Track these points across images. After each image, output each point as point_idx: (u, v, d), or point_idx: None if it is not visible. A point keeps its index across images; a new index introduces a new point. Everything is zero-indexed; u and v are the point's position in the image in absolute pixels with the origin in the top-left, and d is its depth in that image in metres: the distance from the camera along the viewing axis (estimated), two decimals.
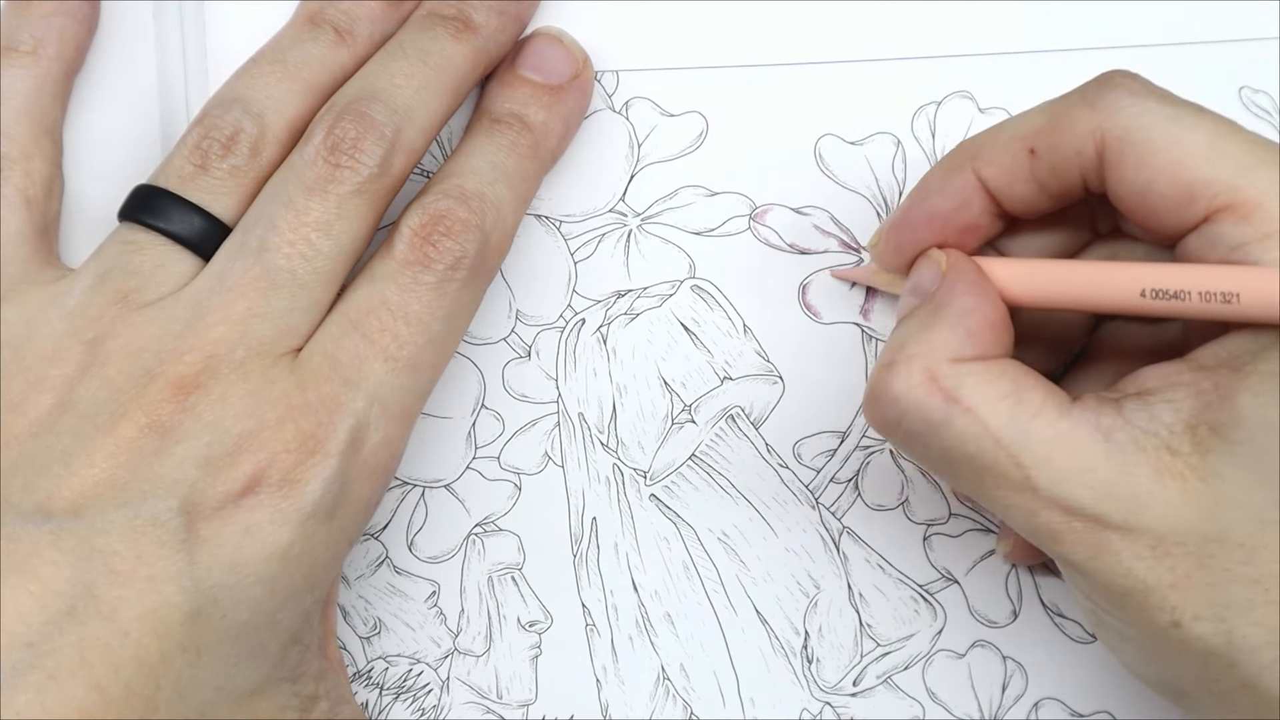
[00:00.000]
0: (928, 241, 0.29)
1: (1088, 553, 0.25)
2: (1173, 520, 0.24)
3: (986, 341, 0.26)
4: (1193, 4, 0.33)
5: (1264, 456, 0.24)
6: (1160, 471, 0.25)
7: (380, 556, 0.34)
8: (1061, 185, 0.27)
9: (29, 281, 0.30)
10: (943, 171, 0.29)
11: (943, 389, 0.26)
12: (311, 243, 0.28)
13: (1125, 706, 0.33)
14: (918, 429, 0.26)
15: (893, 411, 0.26)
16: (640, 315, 0.34)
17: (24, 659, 0.25)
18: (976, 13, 0.34)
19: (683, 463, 0.33)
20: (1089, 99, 0.26)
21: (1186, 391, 0.25)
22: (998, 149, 0.28)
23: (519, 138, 0.31)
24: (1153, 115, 0.26)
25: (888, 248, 0.30)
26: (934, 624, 0.33)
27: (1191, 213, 0.25)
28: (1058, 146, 0.27)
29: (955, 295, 0.27)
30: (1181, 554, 0.24)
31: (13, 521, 0.26)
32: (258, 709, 0.28)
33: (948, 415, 0.25)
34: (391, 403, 0.29)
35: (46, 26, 0.32)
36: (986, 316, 0.27)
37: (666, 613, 0.33)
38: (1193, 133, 0.25)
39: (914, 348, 0.26)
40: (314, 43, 0.31)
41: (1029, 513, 0.25)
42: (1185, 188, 0.25)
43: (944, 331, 0.26)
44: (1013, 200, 0.28)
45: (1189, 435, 0.25)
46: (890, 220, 0.30)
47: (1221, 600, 0.24)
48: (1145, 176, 0.26)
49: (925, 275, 0.28)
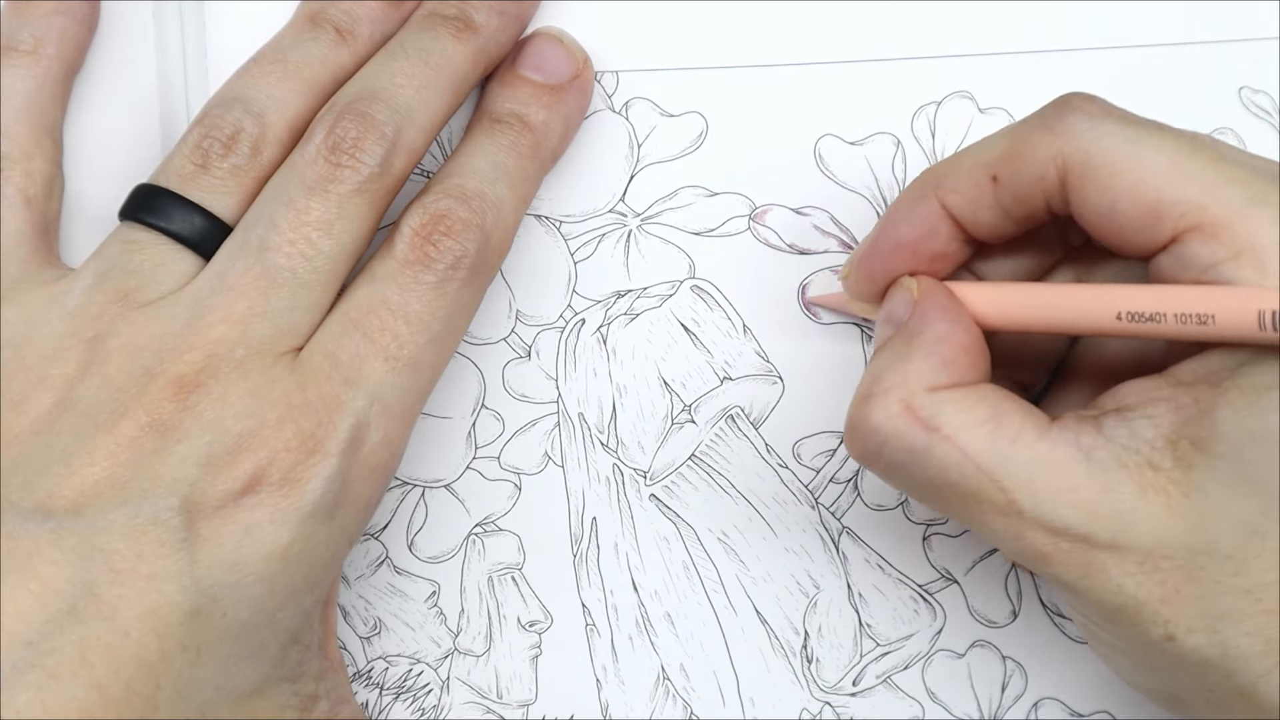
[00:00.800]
0: (898, 270, 0.29)
1: (1077, 572, 0.25)
2: (1159, 535, 0.24)
3: (962, 368, 0.26)
4: (1193, 4, 0.33)
5: (1247, 469, 0.24)
6: (1144, 488, 0.25)
7: (380, 556, 0.34)
8: (1025, 210, 0.27)
9: (29, 281, 0.30)
10: (907, 201, 0.29)
11: (920, 419, 0.26)
12: (312, 242, 0.28)
13: (1125, 706, 0.33)
14: (899, 459, 0.26)
15: (873, 443, 0.26)
16: (640, 315, 0.34)
17: (24, 658, 0.25)
18: (976, 13, 0.34)
19: (683, 463, 0.33)
20: (1048, 124, 0.26)
21: (1166, 407, 0.25)
22: (960, 177, 0.27)
23: (519, 137, 0.31)
24: (1113, 138, 0.25)
25: (859, 278, 0.30)
26: (933, 624, 0.33)
27: (1158, 234, 0.25)
28: (1019, 173, 0.27)
29: (928, 323, 0.27)
30: (1170, 568, 0.24)
31: (13, 520, 0.26)
32: (258, 708, 0.28)
33: (927, 444, 0.25)
34: (392, 402, 0.29)
35: (46, 26, 0.32)
36: (960, 342, 0.27)
37: (666, 613, 0.33)
38: (1154, 154, 0.25)
39: (890, 379, 0.26)
40: (315, 42, 0.31)
41: (1015, 536, 0.25)
42: (1150, 209, 0.25)
43: (919, 361, 0.26)
44: (978, 226, 0.28)
45: (1170, 450, 0.25)
46: (859, 251, 0.30)
47: (1214, 612, 0.24)
48: (1109, 200, 0.25)
49: (898, 304, 0.28)
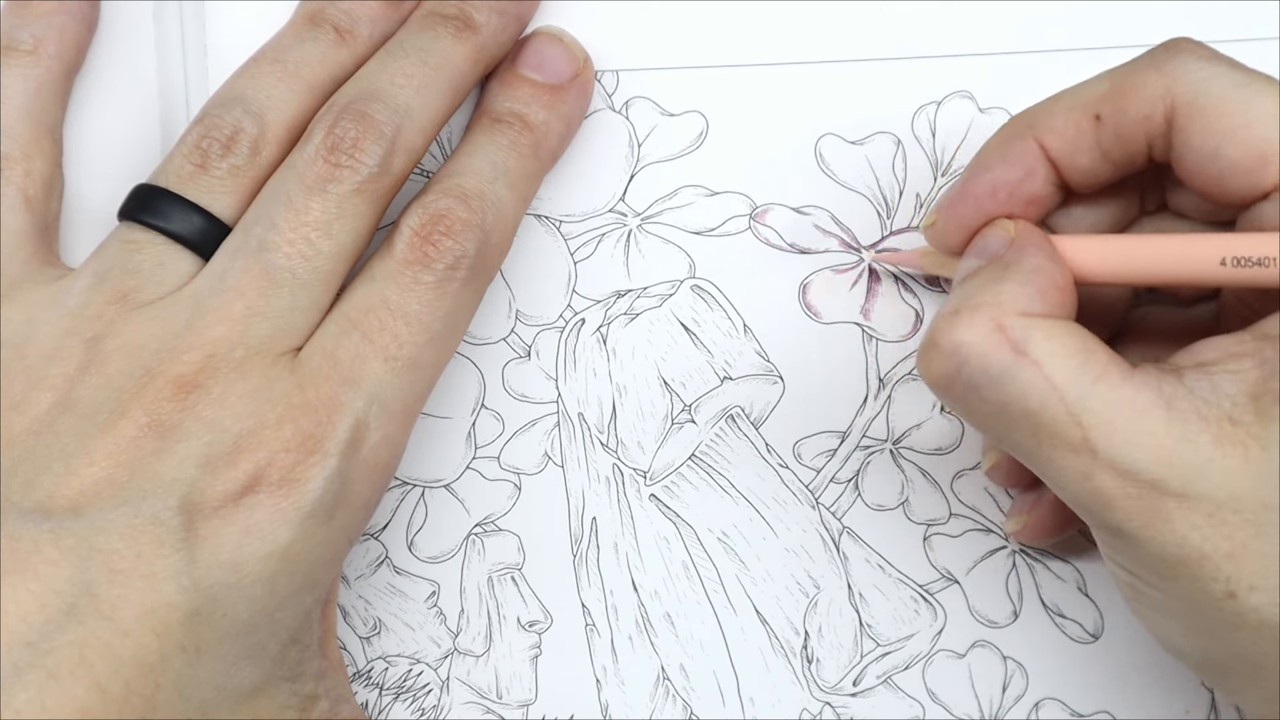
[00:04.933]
0: (991, 214, 0.28)
1: (1141, 520, 0.25)
2: (1232, 488, 0.24)
3: (1054, 303, 0.26)
4: (1193, 4, 0.33)
5: None
6: (1221, 440, 0.24)
7: (380, 556, 0.34)
8: (1126, 153, 0.27)
9: (29, 281, 0.30)
10: (1002, 142, 0.28)
11: (1010, 340, 0.25)
12: (311, 242, 0.28)
13: (1125, 706, 0.33)
14: (978, 380, 0.25)
15: (953, 361, 0.26)
16: (640, 315, 0.34)
17: (24, 658, 0.25)
18: (976, 13, 0.34)
19: (683, 463, 0.33)
20: (1156, 64, 0.26)
21: (1251, 362, 0.25)
22: (1058, 117, 0.27)
23: (519, 137, 0.31)
24: (1222, 80, 0.25)
25: (949, 225, 0.29)
26: (934, 624, 0.33)
27: (1262, 179, 0.25)
28: (1124, 112, 0.26)
29: (1025, 255, 0.26)
30: (1239, 522, 0.24)
31: (13, 520, 0.26)
32: (258, 708, 0.28)
33: (1012, 367, 0.25)
34: (391, 402, 0.29)
35: (46, 26, 0.32)
36: (1055, 279, 0.26)
37: (666, 613, 0.33)
38: (1263, 98, 0.25)
39: (981, 298, 0.26)
40: (314, 42, 0.31)
41: (1084, 475, 0.25)
42: (1256, 153, 0.25)
43: (1014, 285, 0.26)
44: (1074, 170, 0.28)
45: (1252, 405, 0.24)
46: (948, 196, 0.29)
47: (1278, 570, 0.24)
48: (1214, 142, 0.25)
49: (994, 239, 0.28)
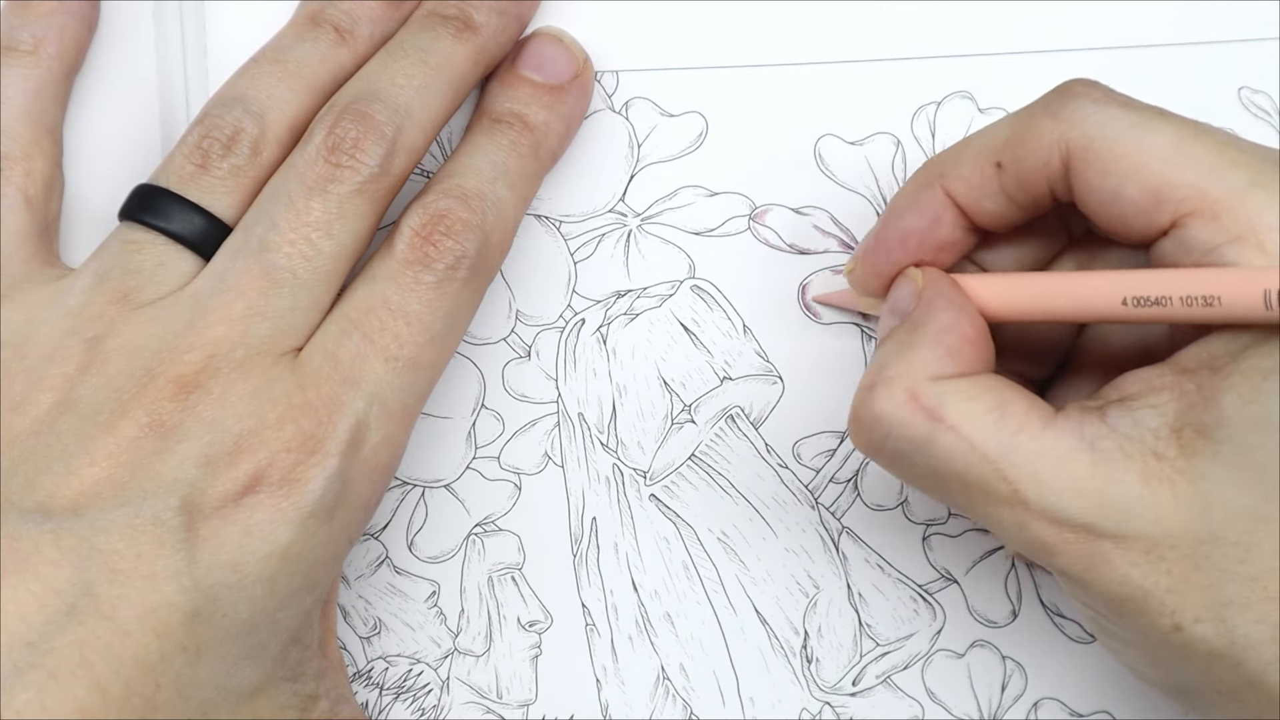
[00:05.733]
0: (903, 262, 0.29)
1: (1083, 564, 0.25)
2: (1165, 524, 0.24)
3: (967, 358, 0.26)
4: (1193, 4, 0.33)
5: (1251, 454, 0.24)
6: (1148, 477, 0.25)
7: (380, 556, 0.34)
8: (1029, 197, 0.27)
9: (30, 281, 0.30)
10: (911, 191, 0.29)
11: (925, 408, 0.26)
12: (312, 242, 0.28)
13: (1125, 706, 0.33)
14: (903, 449, 0.26)
15: (877, 433, 0.26)
16: (640, 315, 0.34)
17: (24, 658, 0.25)
18: (976, 13, 0.34)
19: (682, 463, 0.33)
20: (1051, 109, 0.26)
21: (1169, 395, 0.25)
22: (964, 164, 0.28)
23: (519, 137, 0.31)
24: (1116, 122, 0.26)
25: (865, 272, 0.30)
26: (933, 624, 0.33)
27: (1159, 217, 0.25)
28: (1023, 159, 0.27)
29: (933, 313, 0.27)
30: (1176, 557, 0.24)
31: (13, 520, 0.26)
32: (258, 708, 0.28)
33: (931, 433, 0.25)
34: (392, 402, 0.29)
35: (46, 26, 0.32)
36: (965, 333, 0.27)
37: (666, 613, 0.33)
38: (1156, 137, 0.25)
39: (894, 368, 0.26)
40: (314, 42, 0.31)
41: (1020, 527, 0.25)
42: (1151, 193, 0.25)
43: (923, 350, 0.26)
44: (982, 214, 0.28)
45: (1174, 439, 0.25)
46: (863, 245, 0.30)
47: (1220, 600, 0.24)
48: (1111, 184, 0.26)
49: (903, 294, 0.28)
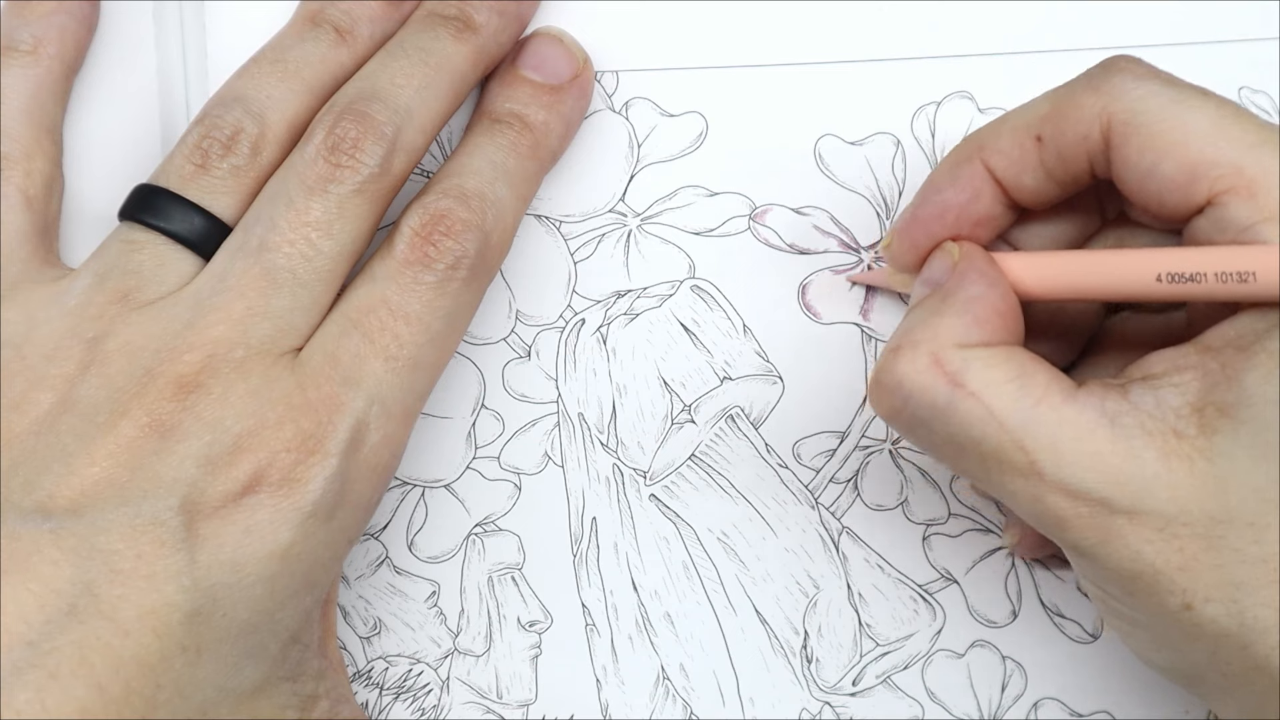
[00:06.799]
0: (941, 236, 0.29)
1: (1095, 538, 0.25)
2: (1180, 502, 0.24)
3: (993, 328, 0.26)
4: (1193, 4, 0.33)
5: (1271, 435, 0.24)
6: (1167, 454, 0.24)
7: (380, 556, 0.34)
8: (1069, 172, 0.27)
9: (30, 280, 0.30)
10: (951, 165, 0.29)
11: (947, 373, 0.25)
12: (312, 242, 0.28)
13: (1125, 706, 0.33)
14: (922, 414, 0.26)
15: (897, 397, 0.26)
16: (640, 315, 0.34)
17: (24, 658, 0.25)
18: (976, 13, 0.34)
19: (682, 463, 0.33)
20: (1093, 84, 0.27)
21: (1193, 374, 0.25)
22: (1004, 139, 0.28)
23: (519, 137, 0.31)
24: (1157, 98, 0.26)
25: (902, 247, 0.30)
26: (933, 624, 0.33)
27: (1196, 194, 0.25)
28: (1064, 132, 0.27)
29: (964, 284, 0.27)
30: (1189, 536, 0.24)
31: (13, 520, 0.26)
32: (258, 708, 0.28)
33: (952, 399, 0.25)
34: (392, 402, 0.29)
35: (47, 26, 0.32)
36: (994, 304, 0.27)
37: (666, 613, 0.33)
38: (1196, 114, 0.25)
39: (920, 333, 0.26)
40: (314, 42, 0.31)
41: (1034, 498, 0.25)
42: (1189, 169, 0.25)
43: (950, 318, 0.26)
44: (1021, 190, 0.28)
45: (1195, 417, 0.25)
46: (901, 219, 0.30)
47: (1232, 581, 0.24)
48: (1150, 159, 0.26)
49: (937, 266, 0.28)
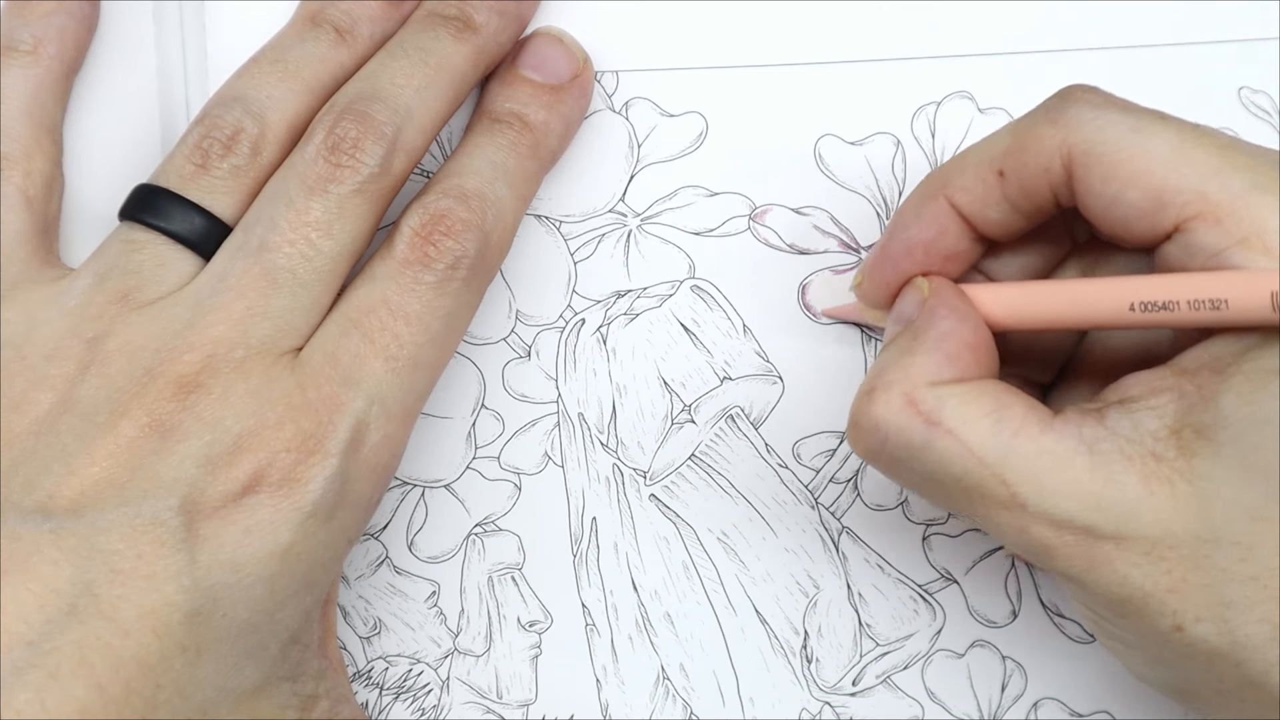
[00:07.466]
0: (910, 272, 0.29)
1: (1082, 565, 0.25)
2: (1164, 525, 0.24)
3: (966, 364, 0.26)
4: (1193, 4, 0.33)
5: (1251, 454, 0.24)
6: (1147, 478, 0.25)
7: (380, 556, 0.34)
8: (1033, 204, 0.27)
9: (30, 280, 0.30)
10: (916, 202, 0.29)
11: (922, 412, 0.26)
12: (312, 242, 0.28)
13: (1125, 706, 0.33)
14: (900, 454, 0.26)
15: (874, 439, 0.26)
16: (640, 315, 0.34)
17: (24, 657, 0.25)
18: (976, 13, 0.34)
19: (682, 463, 0.33)
20: (1051, 115, 0.26)
21: (1169, 396, 0.25)
22: (966, 175, 0.28)
23: (519, 137, 0.31)
24: (1116, 127, 0.26)
25: (872, 284, 0.30)
26: (933, 624, 0.33)
27: (1162, 221, 0.25)
28: (1025, 165, 0.27)
29: (935, 320, 0.27)
30: (1176, 558, 0.24)
31: (13, 520, 0.26)
32: (258, 708, 0.28)
33: (928, 438, 0.26)
34: (392, 402, 0.29)
35: (46, 26, 0.32)
36: (965, 339, 0.27)
37: (666, 613, 0.33)
38: (1156, 141, 0.25)
39: (892, 374, 0.26)
40: (314, 42, 0.31)
41: (1019, 530, 0.25)
42: (1153, 197, 0.25)
43: (922, 356, 0.26)
44: (987, 224, 0.28)
45: (1174, 440, 0.25)
46: (870, 258, 0.30)
47: (1221, 600, 0.24)
48: (1113, 188, 0.26)
49: (908, 303, 0.28)
